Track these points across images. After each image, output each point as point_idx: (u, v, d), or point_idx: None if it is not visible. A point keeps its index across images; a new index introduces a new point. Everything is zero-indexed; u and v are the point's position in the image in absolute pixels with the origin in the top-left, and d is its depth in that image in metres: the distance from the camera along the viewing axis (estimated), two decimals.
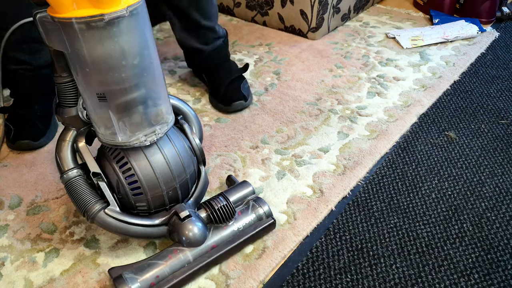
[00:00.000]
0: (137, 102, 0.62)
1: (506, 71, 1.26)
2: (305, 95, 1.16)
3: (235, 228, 0.73)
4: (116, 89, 0.60)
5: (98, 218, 0.67)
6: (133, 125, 0.64)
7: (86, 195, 0.67)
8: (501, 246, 0.76)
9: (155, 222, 0.70)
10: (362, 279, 0.71)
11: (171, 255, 0.68)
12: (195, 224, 0.69)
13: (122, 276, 0.65)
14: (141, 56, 0.60)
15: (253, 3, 1.53)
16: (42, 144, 0.99)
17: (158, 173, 0.68)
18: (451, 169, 0.92)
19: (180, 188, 0.72)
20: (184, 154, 0.72)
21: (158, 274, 0.66)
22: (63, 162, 0.68)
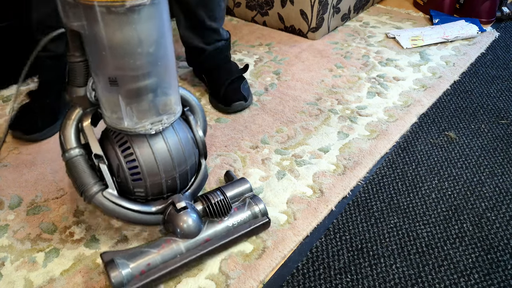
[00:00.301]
0: (147, 89, 0.63)
1: (506, 71, 1.26)
2: (305, 95, 1.16)
3: (229, 224, 0.73)
4: (129, 75, 0.61)
5: (95, 200, 0.67)
6: (141, 112, 0.64)
7: (86, 176, 0.67)
8: (501, 246, 0.76)
9: (151, 210, 0.70)
10: (362, 279, 0.71)
11: (164, 245, 0.68)
12: (190, 216, 0.69)
13: (114, 260, 0.65)
14: (157, 45, 0.60)
15: (253, 3, 1.53)
16: (34, 139, 1.00)
17: (159, 160, 0.68)
18: (451, 169, 0.92)
19: (179, 178, 0.71)
20: (187, 145, 0.71)
21: (149, 262, 0.66)
22: (66, 140, 0.68)
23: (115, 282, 0.63)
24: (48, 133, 1.02)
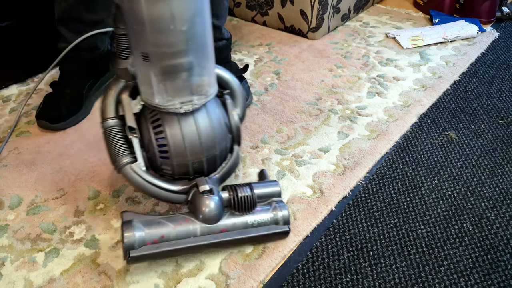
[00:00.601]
0: (179, 68, 0.63)
1: (506, 71, 1.26)
2: (305, 95, 1.16)
3: (249, 221, 0.72)
4: (160, 52, 0.61)
5: (124, 171, 0.69)
6: (171, 90, 0.65)
7: (119, 146, 0.69)
8: (501, 246, 0.76)
9: (174, 189, 0.71)
10: (362, 279, 0.71)
11: (182, 222, 0.68)
12: (213, 201, 0.69)
13: (131, 222, 0.66)
14: (191, 24, 0.60)
15: (253, 3, 1.53)
16: (59, 128, 1.03)
17: (187, 142, 0.68)
18: (451, 169, 0.92)
19: (206, 162, 0.71)
20: (219, 130, 0.71)
21: (164, 234, 0.67)
22: (106, 110, 0.70)
23: (126, 243, 0.64)
24: (72, 121, 1.05)
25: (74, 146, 0.99)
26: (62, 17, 1.03)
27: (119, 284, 0.70)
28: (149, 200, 0.85)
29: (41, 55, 1.25)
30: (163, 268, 0.72)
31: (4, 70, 1.19)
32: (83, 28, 1.04)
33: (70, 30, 1.05)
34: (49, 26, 1.11)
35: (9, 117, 1.10)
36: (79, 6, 1.01)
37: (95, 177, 0.91)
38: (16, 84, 1.23)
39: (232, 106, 0.75)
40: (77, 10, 1.02)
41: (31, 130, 1.05)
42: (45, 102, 1.05)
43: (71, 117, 1.04)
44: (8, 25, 1.16)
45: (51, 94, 1.06)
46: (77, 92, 1.08)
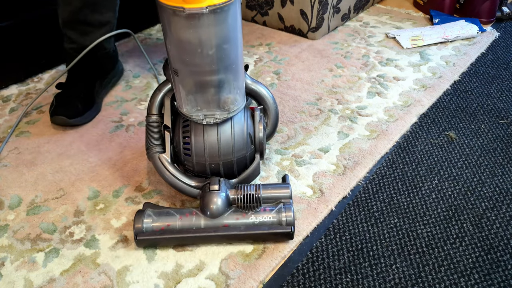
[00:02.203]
0: (204, 86, 0.71)
1: (506, 71, 1.26)
2: (305, 95, 1.16)
3: (252, 219, 0.75)
4: (187, 70, 0.69)
5: (152, 158, 0.79)
6: (196, 104, 0.73)
7: (153, 139, 0.80)
8: (501, 246, 0.76)
9: (189, 183, 0.79)
10: (362, 279, 0.71)
11: (188, 214, 0.75)
12: (216, 198, 0.74)
13: (145, 211, 0.75)
14: (218, 49, 0.67)
15: (253, 3, 1.53)
16: (76, 123, 1.04)
17: (207, 147, 0.77)
18: (451, 169, 0.92)
19: (222, 166, 0.79)
20: (239, 139, 0.78)
21: (169, 223, 0.74)
22: (151, 107, 0.81)
23: (136, 228, 0.73)
24: (88, 117, 1.06)
25: (74, 146, 1.00)
26: (68, 20, 1.04)
27: (119, 284, 0.70)
28: (149, 200, 0.85)
29: (41, 55, 1.26)
30: (163, 268, 0.72)
31: (4, 70, 1.19)
32: (91, 30, 1.05)
33: (77, 32, 1.06)
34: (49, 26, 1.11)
35: (9, 117, 1.10)
36: (85, 9, 1.01)
37: (95, 177, 0.91)
38: (16, 84, 1.23)
39: (260, 120, 0.81)
40: (83, 13, 1.02)
41: (31, 130, 1.05)
42: (58, 100, 1.05)
43: (86, 112, 1.05)
44: (8, 25, 1.16)
45: (63, 93, 1.07)
46: (89, 90, 1.09)
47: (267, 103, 0.85)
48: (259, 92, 0.84)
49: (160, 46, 1.42)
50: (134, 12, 1.45)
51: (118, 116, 1.09)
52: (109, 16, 1.06)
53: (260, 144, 0.81)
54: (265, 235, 0.74)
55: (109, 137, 1.02)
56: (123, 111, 1.11)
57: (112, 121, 1.08)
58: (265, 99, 0.84)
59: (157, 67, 1.29)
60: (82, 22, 1.04)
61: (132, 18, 1.46)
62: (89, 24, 1.04)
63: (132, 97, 1.16)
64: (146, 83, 1.22)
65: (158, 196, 0.86)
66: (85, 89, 1.08)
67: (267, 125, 0.86)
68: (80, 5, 1.00)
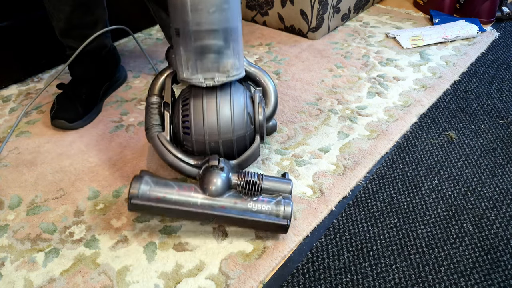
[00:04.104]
0: (204, 46, 0.72)
1: (506, 71, 1.26)
2: (305, 95, 1.16)
3: (250, 206, 0.74)
4: (188, 29, 0.71)
5: (151, 137, 0.80)
6: (196, 65, 0.74)
7: (152, 119, 0.80)
8: (501, 246, 0.76)
9: (189, 161, 0.78)
10: (362, 279, 0.71)
11: (187, 188, 0.74)
12: (218, 176, 0.74)
13: (143, 177, 0.74)
14: (218, 8, 0.69)
15: (253, 3, 1.53)
16: (76, 126, 1.05)
17: (206, 124, 0.77)
18: (451, 169, 0.92)
19: (222, 144, 0.79)
20: (238, 117, 0.78)
21: (166, 194, 0.73)
22: (152, 88, 0.83)
23: (132, 192, 0.72)
24: (87, 120, 1.06)
25: (74, 146, 1.00)
26: (64, 29, 1.04)
27: (119, 284, 0.70)
28: None
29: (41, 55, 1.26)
30: (163, 268, 0.72)
31: (4, 70, 1.19)
32: (87, 32, 1.05)
33: (75, 38, 1.06)
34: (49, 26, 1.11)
35: (9, 117, 1.10)
36: (77, 13, 1.02)
37: (95, 177, 0.91)
38: (16, 84, 1.23)
39: (260, 101, 0.81)
40: (76, 17, 1.02)
41: (31, 130, 1.05)
42: (59, 102, 1.05)
43: (86, 116, 1.06)
44: (8, 25, 1.16)
45: (64, 94, 1.07)
46: (93, 92, 1.09)
47: (266, 85, 0.85)
48: (257, 74, 0.85)
49: (160, 46, 1.42)
50: (134, 12, 1.45)
51: (118, 116, 1.09)
52: (100, 13, 1.07)
53: (260, 127, 0.81)
54: (260, 223, 0.73)
55: (109, 137, 1.02)
56: (123, 111, 1.11)
57: (112, 121, 1.08)
58: (264, 81, 0.85)
59: (157, 67, 1.29)
60: (77, 26, 1.04)
61: (132, 18, 1.46)
62: (84, 27, 1.05)
63: (132, 97, 1.16)
64: (146, 83, 1.22)
65: None
66: (89, 92, 1.08)
67: (267, 105, 0.86)
68: (71, 9, 1.01)
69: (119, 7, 1.36)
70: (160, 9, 1.09)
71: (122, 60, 1.28)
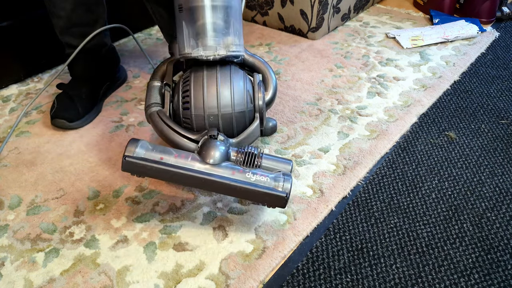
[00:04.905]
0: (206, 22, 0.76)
1: (506, 71, 1.26)
2: (305, 95, 1.16)
3: (248, 176, 0.72)
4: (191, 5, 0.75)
5: (151, 116, 0.80)
6: (197, 40, 0.77)
7: (152, 98, 0.82)
8: (501, 246, 0.76)
9: (188, 135, 0.78)
10: (362, 279, 0.71)
11: (184, 156, 0.73)
12: (218, 146, 0.74)
13: (139, 140, 0.73)
14: None
15: (253, 3, 1.53)
16: (76, 126, 1.05)
17: (205, 92, 0.78)
18: (451, 169, 0.92)
19: (221, 119, 0.79)
20: (238, 93, 0.80)
21: (163, 157, 0.72)
22: (155, 73, 0.85)
23: (128, 150, 0.71)
24: (87, 119, 1.06)
25: (74, 146, 1.00)
26: (64, 27, 1.04)
27: (119, 284, 0.70)
28: (149, 200, 0.85)
29: (41, 55, 1.26)
30: (163, 268, 0.72)
31: (4, 70, 1.19)
32: (87, 30, 1.05)
33: (75, 37, 1.06)
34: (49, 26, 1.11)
35: (9, 117, 1.10)
36: (77, 11, 1.02)
37: (95, 177, 0.91)
38: (16, 84, 1.23)
39: (260, 84, 0.83)
40: (76, 15, 1.02)
41: (31, 130, 1.05)
42: (59, 102, 1.05)
43: (85, 115, 1.06)
44: (8, 25, 1.16)
45: (64, 94, 1.07)
46: (94, 92, 1.09)
47: (265, 71, 0.87)
48: (256, 63, 0.87)
49: (160, 46, 1.42)
50: (134, 12, 1.45)
51: (118, 116, 1.09)
52: (100, 11, 1.07)
53: (260, 110, 0.83)
54: (257, 193, 0.69)
55: (109, 137, 1.02)
56: (123, 111, 1.11)
57: (112, 121, 1.08)
58: (263, 69, 0.87)
59: None
60: (78, 24, 1.04)
61: (132, 17, 1.46)
62: (84, 24, 1.05)
63: (132, 97, 1.16)
64: (146, 83, 1.22)
65: (158, 196, 0.86)
66: (89, 92, 1.08)
67: (266, 91, 0.87)
68: (72, 7, 1.01)
69: (119, 7, 1.36)
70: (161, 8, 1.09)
71: (122, 60, 1.28)
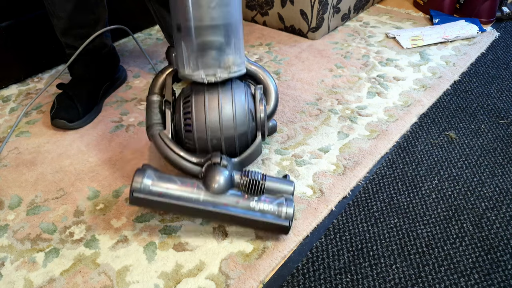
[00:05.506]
0: (205, 42, 0.72)
1: (506, 71, 1.26)
2: (305, 95, 1.16)
3: (252, 205, 0.73)
4: (189, 25, 0.70)
5: (152, 135, 0.79)
6: (197, 61, 0.74)
7: (153, 117, 0.80)
8: (501, 246, 0.76)
9: (191, 159, 0.77)
10: (362, 279, 0.71)
11: (189, 185, 0.73)
12: (221, 172, 0.73)
13: (145, 170, 0.73)
14: (219, 4, 0.69)
15: (253, 3, 1.53)
16: (76, 126, 1.05)
17: (207, 114, 0.76)
18: (451, 169, 0.92)
19: (224, 141, 0.78)
20: (240, 113, 0.78)
21: (169, 188, 0.72)
22: (152, 86, 0.82)
23: (134, 186, 0.71)
24: (87, 120, 1.06)
25: (74, 146, 1.00)
26: (64, 28, 1.05)
27: (119, 284, 0.70)
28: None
29: (41, 55, 1.26)
30: (163, 268, 0.72)
31: (4, 70, 1.19)
32: (88, 30, 1.05)
33: (76, 37, 1.06)
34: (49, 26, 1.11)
35: (9, 117, 1.10)
36: (78, 12, 1.02)
37: (95, 177, 0.91)
38: (16, 84, 1.23)
39: (261, 98, 0.81)
40: (77, 16, 1.03)
41: (31, 130, 1.05)
42: (59, 102, 1.05)
43: (85, 116, 1.06)
44: (8, 25, 1.16)
45: (64, 94, 1.07)
46: (94, 92, 1.09)
47: (267, 82, 0.85)
48: (258, 72, 0.85)
49: (160, 46, 1.42)
50: (134, 12, 1.45)
51: (118, 116, 1.09)
52: (102, 12, 1.07)
53: (261, 124, 0.81)
54: (261, 223, 0.73)
55: (109, 137, 1.02)
56: (123, 111, 1.11)
57: (112, 121, 1.08)
58: (265, 79, 0.85)
59: (157, 67, 1.29)
60: (78, 25, 1.05)
61: (132, 18, 1.46)
62: (85, 25, 1.05)
63: (132, 97, 1.16)
64: (146, 83, 1.22)
65: None
66: (88, 92, 1.08)
67: (268, 103, 0.86)
68: (73, 8, 1.01)
69: (119, 6, 1.36)
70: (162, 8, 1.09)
71: (122, 60, 1.28)
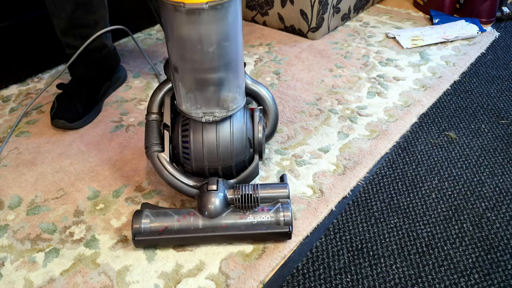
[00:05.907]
0: (203, 83, 0.70)
1: (506, 71, 1.26)
2: (305, 95, 1.16)
3: (250, 219, 0.74)
4: (187, 67, 0.69)
5: (151, 157, 0.79)
6: (195, 101, 0.72)
7: (152, 137, 0.80)
8: (501, 246, 0.76)
9: (188, 182, 0.79)
10: (362, 279, 0.71)
11: (186, 215, 0.74)
12: (214, 198, 0.74)
13: (143, 212, 0.75)
14: (218, 46, 0.66)
15: (253, 3, 1.53)
16: (76, 126, 1.04)
17: (206, 150, 0.76)
18: (451, 169, 0.92)
19: (221, 170, 0.79)
20: (238, 144, 0.77)
21: (168, 225, 0.74)
22: (151, 105, 0.81)
23: (134, 228, 0.73)
24: (87, 120, 1.06)
25: (74, 146, 1.00)
26: (65, 28, 1.05)
27: (119, 284, 0.70)
28: (149, 200, 0.85)
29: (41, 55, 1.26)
30: (163, 268, 0.72)
31: (4, 70, 1.19)
32: (88, 31, 1.05)
33: (77, 37, 1.06)
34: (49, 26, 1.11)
35: (9, 117, 1.10)
36: (78, 12, 1.02)
37: (95, 177, 0.91)
38: (16, 84, 1.23)
39: (260, 121, 0.81)
40: (77, 16, 1.03)
41: (31, 130, 1.05)
42: (59, 102, 1.05)
43: (85, 116, 1.06)
44: (8, 25, 1.16)
45: (64, 94, 1.07)
46: (94, 92, 1.09)
47: (267, 103, 0.85)
48: (259, 92, 0.84)
49: (160, 46, 1.42)
50: (134, 12, 1.45)
51: (118, 116, 1.09)
52: (102, 13, 1.07)
53: (259, 145, 0.81)
54: (263, 235, 0.74)
55: (109, 137, 1.02)
56: (123, 111, 1.11)
57: (112, 121, 1.08)
58: (265, 100, 0.85)
59: (157, 67, 1.29)
60: (79, 25, 1.05)
61: (132, 18, 1.46)
62: (85, 26, 1.05)
63: (132, 97, 1.16)
64: (146, 83, 1.22)
65: (158, 196, 0.86)
66: (90, 93, 1.08)
67: (267, 125, 0.86)
68: (73, 8, 1.01)
69: (119, 7, 1.36)
70: None
71: (122, 60, 1.28)
